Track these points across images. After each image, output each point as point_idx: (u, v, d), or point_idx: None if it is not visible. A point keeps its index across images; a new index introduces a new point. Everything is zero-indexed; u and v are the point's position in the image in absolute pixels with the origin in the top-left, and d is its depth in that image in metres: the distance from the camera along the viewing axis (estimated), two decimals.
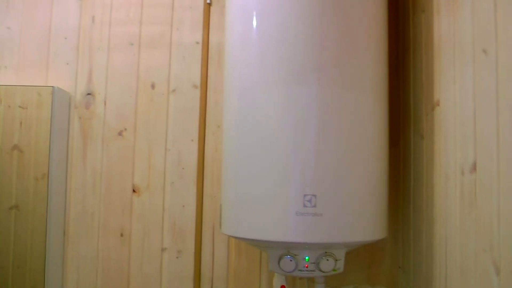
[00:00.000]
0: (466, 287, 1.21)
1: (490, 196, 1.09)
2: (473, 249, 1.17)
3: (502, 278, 1.03)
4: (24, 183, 1.79)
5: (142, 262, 1.88)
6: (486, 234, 1.11)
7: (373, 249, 1.88)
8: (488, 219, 1.10)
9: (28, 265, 1.77)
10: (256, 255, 1.87)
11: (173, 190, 1.89)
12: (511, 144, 1.00)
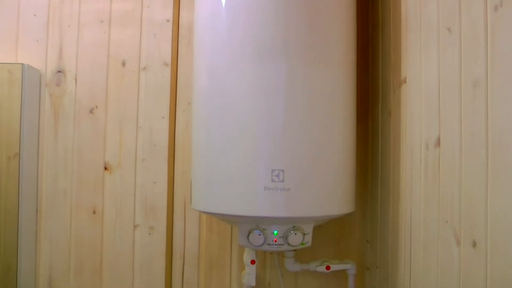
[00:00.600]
0: (428, 258, 1.25)
1: (452, 169, 1.12)
2: (436, 220, 1.20)
3: (461, 248, 1.07)
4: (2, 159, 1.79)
5: (115, 238, 1.90)
6: (447, 206, 1.14)
7: (342, 224, 1.92)
8: (450, 191, 1.13)
9: (1, 243, 1.77)
10: (227, 231, 1.90)
11: (145, 167, 1.90)
12: (472, 119, 1.03)
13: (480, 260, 0.99)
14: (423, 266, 1.28)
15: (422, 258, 1.29)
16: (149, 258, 1.90)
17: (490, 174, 0.96)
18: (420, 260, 1.30)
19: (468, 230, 1.04)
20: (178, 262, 1.92)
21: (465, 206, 1.06)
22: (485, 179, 0.97)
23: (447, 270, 1.14)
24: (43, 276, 1.90)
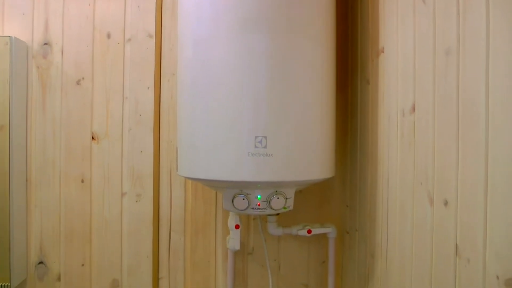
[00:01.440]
0: (404, 218, 1.32)
1: (426, 134, 1.19)
2: (411, 183, 1.27)
3: (434, 208, 1.14)
4: None
5: (103, 206, 1.95)
6: (422, 169, 1.21)
7: (322, 189, 1.99)
8: (424, 155, 1.20)
9: None
10: (212, 198, 1.96)
11: (131, 136, 1.95)
12: (445, 86, 1.09)
13: (450, 218, 1.06)
14: (399, 226, 1.35)
15: (398, 219, 1.36)
16: (137, 224, 1.96)
17: (460, 138, 1.02)
18: (397, 221, 1.37)
19: (441, 191, 1.11)
20: (164, 228, 1.98)
21: (438, 169, 1.12)
22: (456, 143, 1.04)
23: (421, 228, 1.21)
24: (34, 243, 1.95)
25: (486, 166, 0.92)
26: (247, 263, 1.99)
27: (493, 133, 0.90)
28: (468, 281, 0.98)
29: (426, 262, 1.18)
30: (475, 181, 0.96)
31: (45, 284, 1.96)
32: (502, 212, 0.86)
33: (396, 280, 1.37)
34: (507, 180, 0.85)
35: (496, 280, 0.88)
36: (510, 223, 0.84)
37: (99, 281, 1.97)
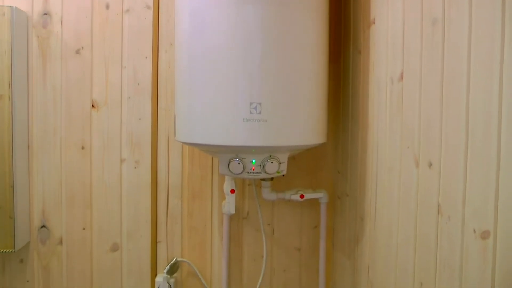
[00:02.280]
0: (392, 181, 1.38)
1: (413, 100, 1.25)
2: (399, 147, 1.34)
3: (420, 169, 1.21)
4: None
5: (103, 172, 2.01)
6: (409, 134, 1.27)
7: (315, 157, 2.05)
8: (411, 120, 1.26)
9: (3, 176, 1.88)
10: (208, 164, 2.03)
11: (130, 104, 2.00)
12: (431, 54, 1.15)
13: (434, 178, 1.12)
14: (387, 189, 1.42)
15: (387, 182, 1.43)
16: (136, 190, 2.02)
17: (444, 104, 1.08)
18: (385, 184, 1.44)
19: (426, 153, 1.17)
20: (162, 193, 2.04)
21: (424, 132, 1.19)
22: (440, 109, 1.10)
23: (407, 189, 1.28)
24: (36, 208, 2.01)
25: (466, 130, 0.98)
26: (242, 227, 2.06)
27: (473, 99, 0.96)
28: (449, 235, 1.05)
29: (411, 221, 1.25)
30: (457, 144, 1.02)
31: (48, 247, 2.03)
32: (480, 173, 0.93)
33: (384, 240, 1.44)
34: (484, 144, 0.92)
35: (473, 234, 0.95)
36: (487, 183, 0.90)
37: (99, 245, 2.04)
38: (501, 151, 0.87)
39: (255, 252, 2.08)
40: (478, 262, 0.93)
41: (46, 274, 2.04)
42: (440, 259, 1.09)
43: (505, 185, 0.85)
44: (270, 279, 2.10)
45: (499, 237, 0.86)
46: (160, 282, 2.02)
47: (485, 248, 0.90)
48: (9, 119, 1.87)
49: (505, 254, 0.85)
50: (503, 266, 0.86)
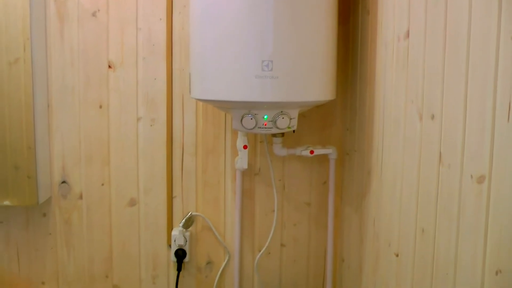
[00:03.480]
0: (397, 134, 1.46)
1: (418, 57, 1.31)
2: (404, 102, 1.40)
3: (423, 122, 1.28)
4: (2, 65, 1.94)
5: (120, 130, 2.09)
6: (413, 88, 1.34)
7: (324, 114, 2.12)
8: (416, 76, 1.33)
9: (23, 136, 1.95)
10: (221, 121, 2.10)
11: (145, 65, 2.07)
12: (435, 12, 1.21)
13: (436, 129, 1.19)
14: (393, 142, 1.49)
15: (392, 136, 1.50)
16: (152, 147, 2.10)
17: (446, 59, 1.15)
18: (391, 138, 1.51)
19: (428, 106, 1.24)
20: (177, 150, 2.12)
21: (427, 87, 1.25)
22: (442, 64, 1.17)
23: (411, 142, 1.35)
24: (57, 164, 2.10)
25: (466, 84, 1.05)
26: (254, 183, 2.15)
27: (472, 56, 1.03)
28: (448, 182, 1.12)
29: (414, 172, 1.32)
30: (457, 97, 1.09)
31: (68, 201, 2.13)
32: (477, 123, 1.00)
33: (389, 192, 1.52)
34: (481, 97, 0.98)
35: (470, 179, 1.02)
36: (483, 132, 0.97)
37: (118, 199, 2.13)
38: (496, 103, 0.93)
39: (267, 206, 2.17)
40: (474, 205, 1.00)
41: (67, 227, 2.14)
42: (440, 206, 1.17)
43: (499, 134, 0.92)
44: (281, 233, 2.19)
45: (493, 181, 0.94)
46: (176, 235, 2.12)
47: (480, 191, 0.98)
48: (30, 80, 1.94)
49: (498, 196, 0.92)
50: (496, 206, 0.93)
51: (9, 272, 2.17)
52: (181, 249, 2.13)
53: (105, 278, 2.18)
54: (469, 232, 1.03)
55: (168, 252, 2.17)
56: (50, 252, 2.16)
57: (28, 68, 1.92)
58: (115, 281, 2.19)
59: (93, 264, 2.17)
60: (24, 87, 1.93)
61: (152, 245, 2.17)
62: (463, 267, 1.06)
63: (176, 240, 2.12)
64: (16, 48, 1.92)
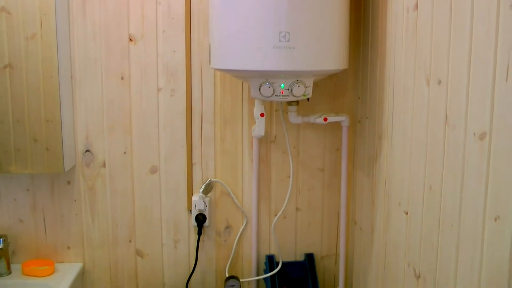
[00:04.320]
0: (406, 100, 1.55)
1: (426, 27, 1.40)
2: (413, 69, 1.49)
3: (430, 87, 1.37)
4: (16, 41, 2.03)
5: (141, 100, 2.19)
6: (422, 57, 1.43)
7: (337, 83, 2.21)
8: (424, 45, 1.41)
9: (49, 106, 2.05)
10: (239, 91, 2.19)
11: (165, 37, 2.16)
12: None
13: (442, 93, 1.28)
14: (402, 108, 1.58)
15: (402, 102, 1.59)
16: (172, 116, 2.20)
17: (452, 28, 1.24)
18: (400, 104, 1.60)
19: (435, 73, 1.33)
20: (196, 119, 2.22)
21: (434, 54, 1.34)
22: (448, 33, 1.25)
23: (419, 106, 1.44)
24: (81, 134, 2.20)
25: (470, 51, 1.14)
26: (270, 150, 2.25)
27: (476, 26, 1.11)
28: (454, 141, 1.21)
29: (423, 134, 1.41)
30: (461, 63, 1.18)
31: (92, 169, 2.23)
32: (479, 86, 1.09)
33: (399, 155, 1.61)
34: (483, 62, 1.07)
35: (473, 137, 1.11)
36: (484, 94, 1.06)
37: (139, 167, 2.24)
38: (496, 66, 1.02)
39: (282, 172, 2.27)
40: (476, 160, 1.10)
41: (91, 194, 2.25)
42: (446, 163, 1.26)
43: (498, 93, 1.01)
44: (296, 198, 2.30)
45: (493, 136, 1.03)
46: (196, 201, 2.23)
47: (482, 147, 1.07)
48: (55, 52, 2.03)
49: (497, 150, 1.02)
50: (495, 159, 1.03)
51: (36, 238, 2.28)
52: (201, 214, 2.23)
53: (128, 242, 2.30)
54: (472, 185, 1.12)
55: (189, 217, 2.28)
56: (75, 218, 2.28)
57: (52, 41, 2.01)
58: (138, 245, 2.30)
59: (117, 229, 2.29)
60: (50, 59, 2.03)
61: (173, 210, 2.28)
62: (466, 217, 1.15)
63: (196, 206, 2.23)
64: (48, 21, 2.01)
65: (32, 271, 2.19)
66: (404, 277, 1.58)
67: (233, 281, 2.16)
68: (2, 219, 2.25)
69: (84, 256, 2.30)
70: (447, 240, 1.26)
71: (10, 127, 2.07)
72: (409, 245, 1.54)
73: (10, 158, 2.08)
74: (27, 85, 2.04)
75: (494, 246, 1.04)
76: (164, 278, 2.33)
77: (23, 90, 2.05)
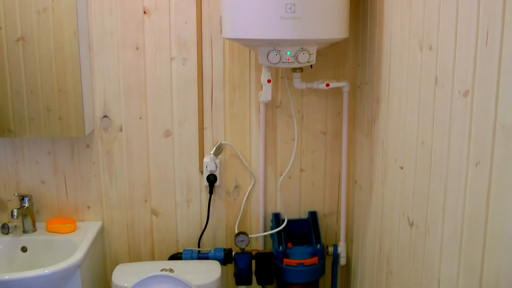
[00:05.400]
0: (401, 66, 1.70)
1: None
2: (407, 36, 1.64)
3: (423, 53, 1.52)
4: (28, 15, 2.17)
5: (155, 69, 2.34)
6: (415, 25, 1.58)
7: (339, 53, 2.36)
8: (417, 14, 1.56)
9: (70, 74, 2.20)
10: (246, 60, 2.34)
11: (177, 10, 2.30)
12: None
13: (433, 57, 1.44)
14: (398, 72, 1.74)
15: (398, 67, 1.74)
16: (184, 83, 2.36)
17: None
18: (396, 69, 1.76)
19: (427, 39, 1.48)
20: (207, 86, 2.37)
21: (426, 22, 1.49)
22: (438, 3, 1.40)
23: (413, 70, 1.59)
24: (99, 101, 2.36)
25: (456, 18, 1.29)
26: (276, 114, 2.41)
27: None
28: (442, 99, 1.37)
29: (415, 94, 1.57)
30: (450, 29, 1.33)
31: (110, 133, 2.39)
32: (464, 49, 1.24)
33: (395, 115, 1.77)
34: (468, 27, 1.22)
35: (458, 94, 1.27)
36: (468, 55, 1.22)
37: (154, 131, 2.40)
38: (478, 32, 1.18)
39: (287, 135, 2.44)
40: (461, 114, 1.26)
41: (109, 157, 2.42)
42: (436, 119, 1.42)
43: (480, 56, 1.17)
44: (300, 159, 2.47)
45: (475, 93, 1.19)
46: (208, 162, 2.39)
47: (466, 103, 1.23)
48: (75, 26, 2.17)
49: (478, 104, 1.17)
50: (476, 112, 1.19)
51: (58, 198, 2.45)
52: (213, 174, 2.40)
53: (144, 202, 2.47)
54: (457, 136, 1.28)
55: (201, 178, 2.45)
56: (94, 180, 2.44)
57: (64, 15, 2.14)
58: (153, 205, 2.48)
59: (133, 190, 2.46)
60: (61, 32, 2.16)
61: (186, 172, 2.45)
62: (452, 165, 1.32)
63: (208, 167, 2.39)
64: None
65: (56, 228, 2.37)
66: (399, 226, 1.75)
67: (243, 236, 2.34)
68: (26, 181, 2.42)
69: (103, 215, 2.47)
70: (437, 189, 1.43)
71: (24, 97, 2.22)
72: (403, 197, 1.70)
73: (24, 126, 2.24)
74: (39, 57, 2.18)
75: (474, 188, 1.20)
76: (177, 235, 2.51)
77: (36, 62, 2.19)
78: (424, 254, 1.53)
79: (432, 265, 1.47)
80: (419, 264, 1.57)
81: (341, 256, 2.49)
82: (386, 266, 1.91)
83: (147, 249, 2.52)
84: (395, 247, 1.80)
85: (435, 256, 1.45)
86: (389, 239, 1.87)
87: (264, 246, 2.55)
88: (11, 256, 2.33)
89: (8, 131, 2.23)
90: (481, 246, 1.18)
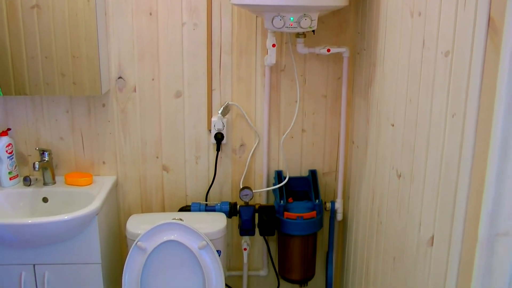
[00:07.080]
0: (395, 31, 1.85)
1: None
2: (401, 5, 1.79)
3: (413, 19, 1.67)
4: None
5: (167, 33, 2.49)
6: None
7: (340, 21, 2.51)
8: None
9: (88, 39, 2.35)
10: (253, 25, 2.49)
11: None
12: None
13: (421, 23, 1.59)
14: (392, 38, 1.89)
15: (392, 33, 1.89)
16: (194, 47, 2.51)
17: None
18: (391, 35, 1.90)
19: (417, 6, 1.63)
20: (216, 50, 2.52)
21: None
22: None
23: (405, 35, 1.74)
24: (114, 63, 2.51)
25: None
26: (280, 78, 2.56)
27: None
28: (428, 60, 1.53)
29: (406, 57, 1.72)
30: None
31: (124, 94, 2.55)
32: (447, 14, 1.39)
33: (388, 77, 1.93)
34: None
35: (441, 55, 1.43)
36: (450, 19, 1.37)
37: (166, 92, 2.56)
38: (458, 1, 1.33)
39: (290, 98, 2.60)
40: (442, 72, 1.41)
41: (123, 115, 2.58)
42: (422, 79, 1.58)
43: (459, 20, 1.32)
44: (302, 120, 2.63)
45: (455, 53, 1.34)
46: (215, 121, 2.56)
47: (446, 62, 1.39)
48: None
49: (457, 63, 1.33)
50: (455, 71, 1.34)
51: (75, 153, 2.63)
52: (220, 132, 2.57)
53: (156, 158, 2.64)
54: (439, 92, 1.44)
55: (209, 136, 2.62)
56: (109, 137, 2.61)
57: None
58: (164, 161, 2.65)
59: (145, 147, 2.63)
60: None
61: (195, 130, 2.61)
62: (434, 118, 1.48)
63: (216, 125, 2.56)
64: None
65: (74, 181, 2.55)
66: (389, 178, 1.92)
67: (247, 190, 2.51)
68: (45, 137, 2.59)
69: (117, 170, 2.65)
70: (421, 140, 1.59)
71: (39, 62, 2.37)
72: (393, 151, 1.87)
73: (40, 91, 2.40)
74: (53, 24, 2.32)
75: (451, 138, 1.37)
76: (186, 190, 2.69)
77: (50, 29, 2.33)
78: (409, 202, 1.70)
79: (415, 210, 1.64)
80: (404, 211, 1.74)
81: (338, 212, 2.66)
82: (376, 217, 2.09)
83: (158, 202, 2.70)
84: (385, 200, 1.97)
85: (417, 202, 1.61)
86: (380, 192, 2.04)
87: (267, 201, 2.73)
88: (33, 206, 2.51)
89: (24, 94, 2.40)
90: (453, 190, 1.35)
